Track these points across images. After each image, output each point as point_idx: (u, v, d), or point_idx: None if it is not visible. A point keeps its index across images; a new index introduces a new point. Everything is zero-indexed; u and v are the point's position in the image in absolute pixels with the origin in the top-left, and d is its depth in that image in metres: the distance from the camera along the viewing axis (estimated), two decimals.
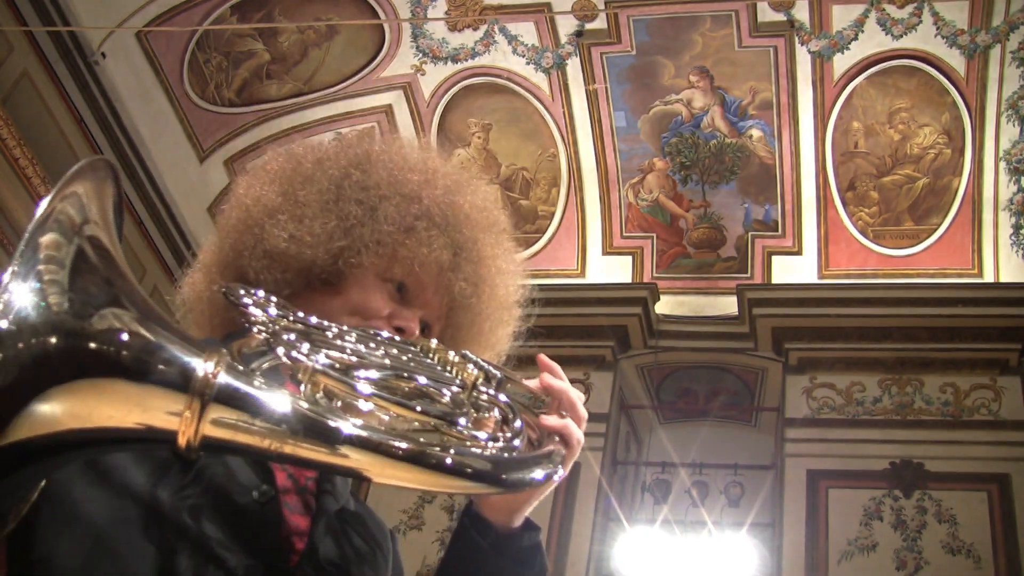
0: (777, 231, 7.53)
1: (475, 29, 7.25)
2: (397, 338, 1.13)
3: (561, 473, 0.96)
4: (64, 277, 0.77)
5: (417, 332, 1.29)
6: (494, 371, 1.06)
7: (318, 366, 0.81)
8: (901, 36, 6.83)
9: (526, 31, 7.22)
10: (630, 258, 7.68)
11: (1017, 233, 6.85)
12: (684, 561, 6.50)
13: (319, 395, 0.83)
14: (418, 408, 0.83)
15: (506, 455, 0.87)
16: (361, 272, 1.26)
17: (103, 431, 0.76)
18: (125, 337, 0.77)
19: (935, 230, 7.17)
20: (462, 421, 0.84)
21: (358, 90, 7.51)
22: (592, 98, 7.39)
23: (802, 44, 6.98)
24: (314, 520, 1.08)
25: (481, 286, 1.33)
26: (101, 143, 6.50)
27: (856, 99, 7.12)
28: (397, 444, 0.78)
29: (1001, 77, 6.71)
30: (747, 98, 7.28)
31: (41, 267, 0.76)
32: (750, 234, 7.59)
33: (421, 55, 7.39)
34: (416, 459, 0.79)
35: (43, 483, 0.85)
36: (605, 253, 7.70)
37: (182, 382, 0.76)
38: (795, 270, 7.39)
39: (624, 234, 7.72)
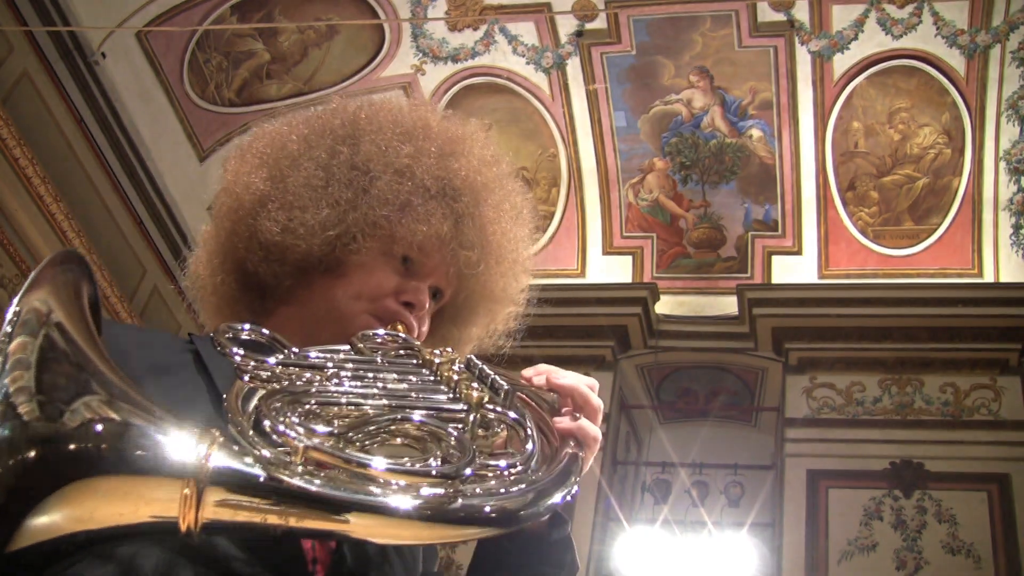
0: (777, 231, 7.53)
1: (475, 29, 7.25)
2: (401, 351, 1.10)
3: (577, 485, 0.93)
4: (31, 380, 0.75)
5: (426, 304, 1.25)
6: (501, 382, 1.02)
7: (309, 443, 0.77)
8: (901, 36, 6.83)
9: (526, 31, 7.22)
10: (630, 258, 7.68)
11: (1017, 233, 6.85)
12: (684, 561, 6.50)
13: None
14: (431, 471, 0.78)
15: (527, 486, 0.84)
16: (361, 255, 1.22)
17: (106, 529, 0.75)
18: (100, 428, 0.76)
19: (935, 230, 7.17)
20: (468, 471, 0.80)
21: (358, 90, 7.50)
22: (592, 98, 7.39)
23: (802, 44, 6.98)
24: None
25: (487, 249, 1.28)
26: (101, 143, 6.50)
27: (856, 99, 7.12)
28: (404, 507, 0.76)
29: (1001, 77, 6.71)
30: (747, 98, 7.28)
31: (7, 380, 0.74)
32: (750, 234, 7.59)
33: (421, 55, 7.39)
34: (442, 516, 0.77)
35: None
36: (605, 253, 7.70)
37: (176, 468, 0.75)
38: (795, 270, 7.39)
39: (624, 234, 7.72)
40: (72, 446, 0.75)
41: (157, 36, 6.61)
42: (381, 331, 1.16)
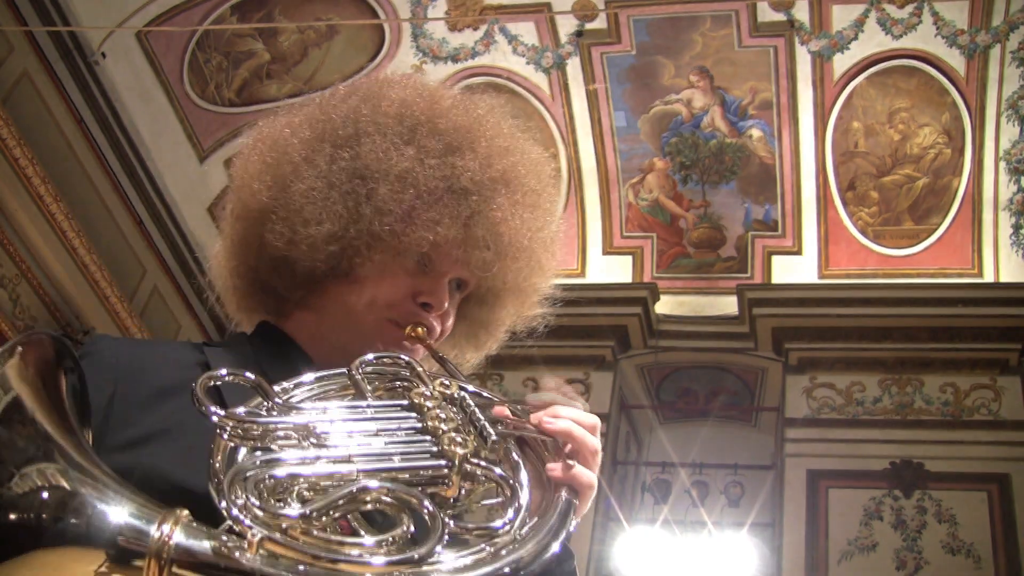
0: (777, 231, 7.53)
1: (475, 29, 7.25)
2: (397, 383, 1.07)
3: (573, 528, 0.92)
4: None
5: (445, 303, 1.22)
6: (490, 430, 0.97)
7: (267, 533, 0.76)
8: (901, 36, 6.83)
9: (526, 31, 7.22)
10: (630, 258, 7.68)
11: (1017, 233, 6.85)
12: (684, 561, 6.50)
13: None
14: (395, 560, 0.76)
15: (512, 551, 0.83)
16: (370, 263, 1.19)
17: None
18: (45, 496, 0.74)
19: (935, 230, 7.17)
20: (439, 549, 0.78)
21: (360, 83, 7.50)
22: (592, 98, 7.39)
23: (802, 44, 6.98)
24: None
25: (502, 247, 1.22)
26: (101, 143, 6.49)
27: (856, 99, 7.12)
28: None
29: (1001, 77, 6.71)
30: (747, 98, 7.28)
31: None
32: (750, 234, 7.59)
33: (421, 55, 7.39)
34: None
35: None
36: (605, 253, 7.70)
37: (136, 546, 0.74)
38: (795, 270, 7.39)
39: (624, 234, 7.72)
40: (14, 516, 0.72)
41: (157, 36, 6.61)
42: (371, 356, 1.09)
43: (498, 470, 0.93)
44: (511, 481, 0.92)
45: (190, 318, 7.38)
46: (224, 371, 0.97)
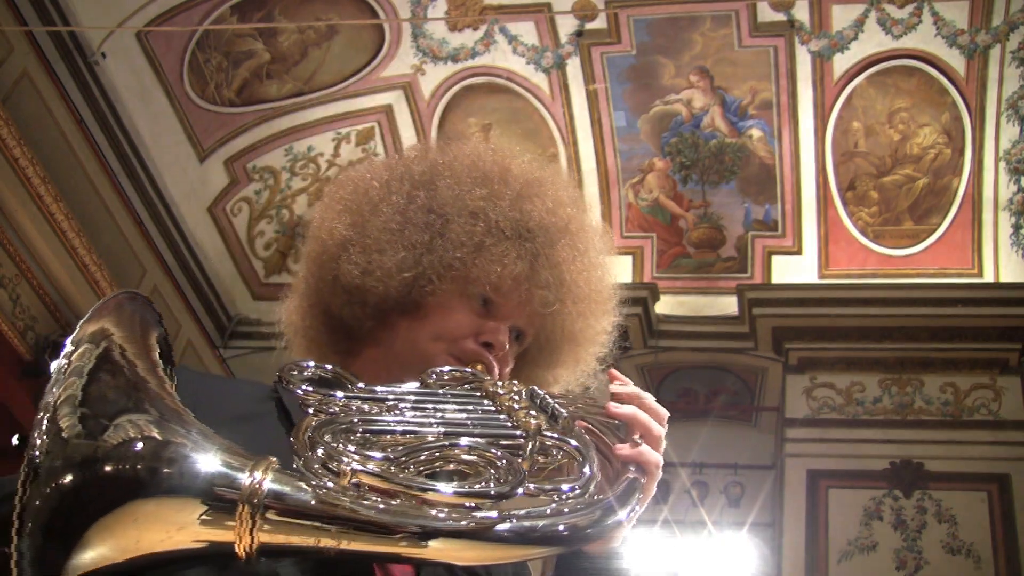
0: (777, 231, 7.53)
1: (475, 29, 7.25)
2: (466, 385, 1.12)
3: (639, 506, 0.95)
4: (79, 388, 0.75)
5: (507, 344, 1.27)
6: (560, 410, 1.04)
7: (359, 467, 0.79)
8: (901, 36, 6.83)
9: (526, 31, 7.22)
10: (630, 258, 7.68)
11: (1017, 233, 6.85)
12: (684, 561, 6.50)
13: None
14: (476, 490, 0.80)
15: (584, 509, 0.85)
16: (438, 296, 1.25)
17: (156, 556, 0.75)
18: (140, 448, 0.75)
19: (935, 230, 7.17)
20: (519, 491, 0.82)
21: (358, 90, 7.51)
22: (592, 98, 7.39)
23: (802, 44, 6.98)
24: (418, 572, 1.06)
25: (563, 290, 1.29)
26: (101, 143, 6.49)
27: (856, 99, 7.12)
28: (468, 524, 0.77)
29: (1001, 77, 6.71)
30: (747, 98, 7.28)
31: (59, 389, 0.74)
32: (750, 234, 7.59)
33: (421, 55, 7.39)
34: (492, 536, 0.78)
35: None
36: None
37: (230, 492, 0.76)
38: (795, 270, 7.39)
39: (624, 234, 7.72)
40: (110, 467, 0.74)
41: (157, 36, 6.61)
42: (447, 368, 1.18)
43: (572, 440, 0.97)
44: (582, 453, 0.95)
45: (190, 318, 7.38)
46: (311, 363, 1.06)
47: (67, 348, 0.77)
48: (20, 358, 5.93)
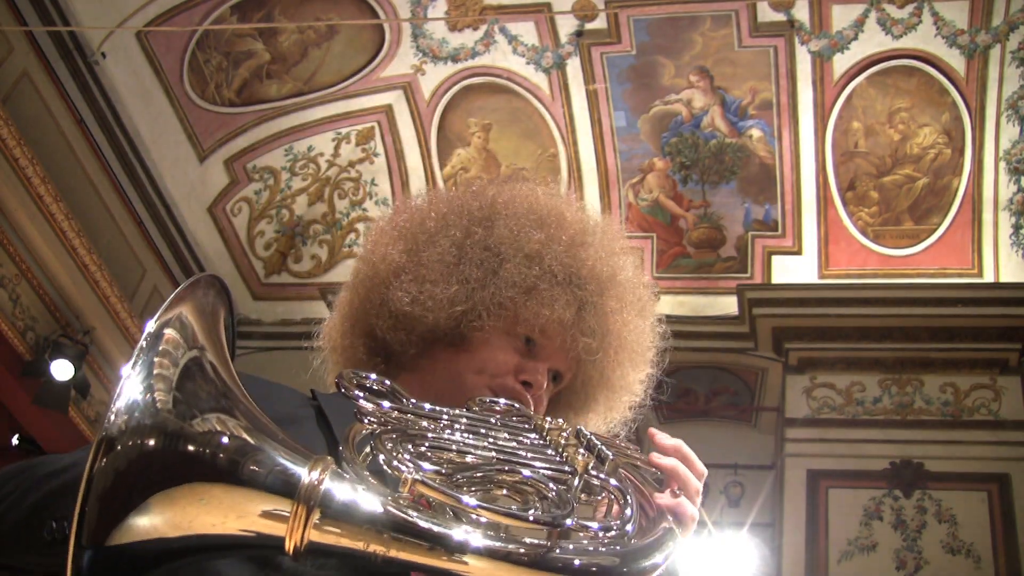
0: (777, 231, 7.53)
1: (475, 29, 7.25)
2: (514, 417, 1.14)
3: (672, 559, 0.95)
4: (174, 375, 0.78)
5: (545, 384, 1.29)
6: (607, 451, 1.06)
7: (418, 476, 0.81)
8: (901, 36, 6.83)
9: (526, 31, 7.22)
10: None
11: (1017, 233, 6.85)
12: (684, 561, 6.49)
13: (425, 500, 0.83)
14: (530, 517, 0.80)
15: (622, 548, 0.85)
16: (485, 332, 1.27)
17: (207, 538, 0.77)
18: (225, 441, 0.78)
19: (935, 230, 7.17)
20: (568, 522, 0.82)
21: (358, 90, 7.51)
22: (592, 98, 7.39)
23: (802, 44, 6.98)
24: None
25: (607, 339, 1.32)
26: (101, 143, 6.50)
27: (856, 99, 7.12)
28: (517, 549, 0.77)
29: (1001, 77, 6.71)
30: (747, 98, 7.28)
31: (155, 359, 0.77)
32: (750, 234, 7.59)
33: (421, 55, 7.39)
34: (539, 564, 0.78)
35: None
36: None
37: (288, 488, 0.77)
38: (795, 270, 7.39)
39: (624, 234, 7.71)
40: (191, 448, 0.76)
41: (157, 36, 6.61)
42: (499, 399, 1.21)
43: (614, 482, 0.99)
44: (624, 495, 0.97)
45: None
46: (373, 376, 1.09)
47: (154, 327, 0.79)
48: (20, 358, 5.94)
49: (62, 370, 5.86)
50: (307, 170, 7.83)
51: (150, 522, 0.74)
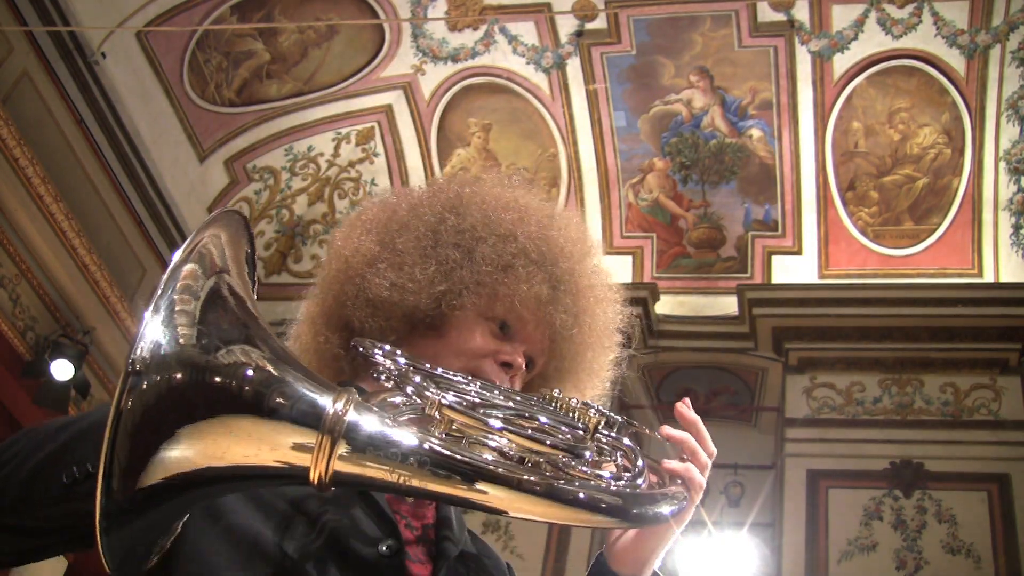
0: (777, 231, 7.53)
1: (475, 29, 7.25)
2: (517, 391, 1.18)
3: (684, 511, 1.01)
4: (196, 308, 0.79)
5: (523, 366, 1.32)
6: (615, 416, 1.11)
7: (445, 401, 0.83)
8: (901, 36, 6.83)
9: (526, 31, 7.22)
10: (630, 258, 7.68)
11: (1017, 233, 6.85)
12: (684, 561, 6.50)
13: (449, 431, 0.85)
14: (548, 442, 0.84)
15: (631, 491, 0.89)
16: (463, 313, 1.30)
17: (238, 468, 0.78)
18: (251, 373, 0.79)
19: (935, 230, 7.17)
20: (587, 454, 0.86)
21: (358, 90, 7.51)
22: (592, 98, 7.39)
23: (802, 44, 6.98)
24: (435, 568, 1.11)
25: (581, 316, 1.36)
26: (101, 143, 6.49)
27: (856, 99, 7.12)
28: (532, 479, 0.81)
29: (1001, 77, 6.71)
30: (747, 98, 7.28)
31: (175, 296, 0.77)
32: (750, 234, 7.59)
33: (421, 55, 7.39)
34: (551, 494, 0.81)
35: (185, 517, 0.87)
36: (605, 253, 7.69)
37: (312, 419, 0.79)
38: (795, 270, 7.39)
39: (624, 234, 7.72)
40: (218, 380, 0.77)
41: (157, 36, 6.61)
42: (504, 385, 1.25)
43: (627, 440, 1.04)
44: (635, 452, 1.01)
45: None
46: (386, 345, 1.11)
47: (179, 256, 0.80)
48: (20, 358, 5.93)
49: (62, 370, 5.86)
50: (307, 170, 7.83)
51: (182, 454, 0.75)
